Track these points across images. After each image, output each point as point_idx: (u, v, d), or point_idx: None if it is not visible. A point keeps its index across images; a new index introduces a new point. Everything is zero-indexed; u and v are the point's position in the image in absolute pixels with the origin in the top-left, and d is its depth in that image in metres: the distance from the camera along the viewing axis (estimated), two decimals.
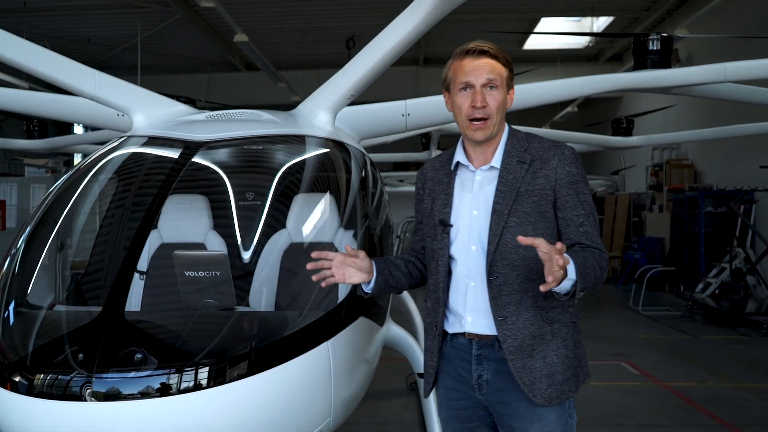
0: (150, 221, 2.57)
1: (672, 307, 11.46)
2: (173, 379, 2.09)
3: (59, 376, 2.07)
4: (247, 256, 2.89)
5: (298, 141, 3.26)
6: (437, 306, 2.31)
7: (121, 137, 3.36)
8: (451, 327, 2.30)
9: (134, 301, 3.07)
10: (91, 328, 2.20)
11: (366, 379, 3.08)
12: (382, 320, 3.31)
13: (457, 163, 2.32)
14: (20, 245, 2.80)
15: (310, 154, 3.24)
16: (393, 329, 3.67)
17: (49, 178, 10.65)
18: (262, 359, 2.27)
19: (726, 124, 9.20)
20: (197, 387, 2.12)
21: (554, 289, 1.98)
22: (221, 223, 3.12)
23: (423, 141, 10.59)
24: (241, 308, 2.66)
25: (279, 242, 2.99)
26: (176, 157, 2.91)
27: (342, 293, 2.72)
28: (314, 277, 2.17)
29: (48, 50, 3.35)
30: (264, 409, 2.29)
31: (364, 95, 3.46)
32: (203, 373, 2.15)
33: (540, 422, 2.17)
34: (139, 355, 2.13)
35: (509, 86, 2.27)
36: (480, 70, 2.20)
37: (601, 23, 16.11)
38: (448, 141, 12.12)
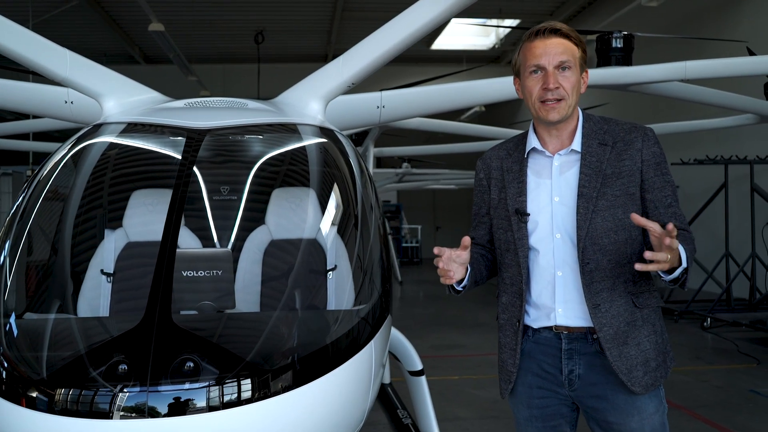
0: (177, 216, 2.30)
1: None
2: (243, 388, 1.89)
3: (108, 392, 1.80)
4: (287, 249, 2.71)
5: (304, 131, 3.09)
6: (516, 300, 2.19)
7: (99, 124, 3.03)
8: (535, 321, 2.17)
9: (103, 303, 2.78)
10: (138, 336, 1.93)
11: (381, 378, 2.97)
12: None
13: (531, 149, 2.22)
14: (8, 249, 2.44)
15: (320, 144, 3.09)
16: None
17: None
18: (328, 360, 2.12)
19: (650, 122, 9.68)
20: (263, 396, 1.93)
21: (667, 277, 1.93)
22: (254, 217, 2.88)
23: (354, 137, 10.13)
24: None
25: (319, 234, 2.82)
26: (183, 145, 2.65)
27: (375, 292, 2.59)
28: (443, 280, 2.04)
29: (18, 25, 2.96)
30: (323, 412, 2.14)
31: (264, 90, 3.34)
32: (270, 381, 1.95)
33: (639, 415, 2.09)
34: (190, 364, 1.91)
35: (582, 67, 2.15)
36: (552, 51, 2.09)
37: (507, 25, 16.67)
38: (385, 139, 11.99)
